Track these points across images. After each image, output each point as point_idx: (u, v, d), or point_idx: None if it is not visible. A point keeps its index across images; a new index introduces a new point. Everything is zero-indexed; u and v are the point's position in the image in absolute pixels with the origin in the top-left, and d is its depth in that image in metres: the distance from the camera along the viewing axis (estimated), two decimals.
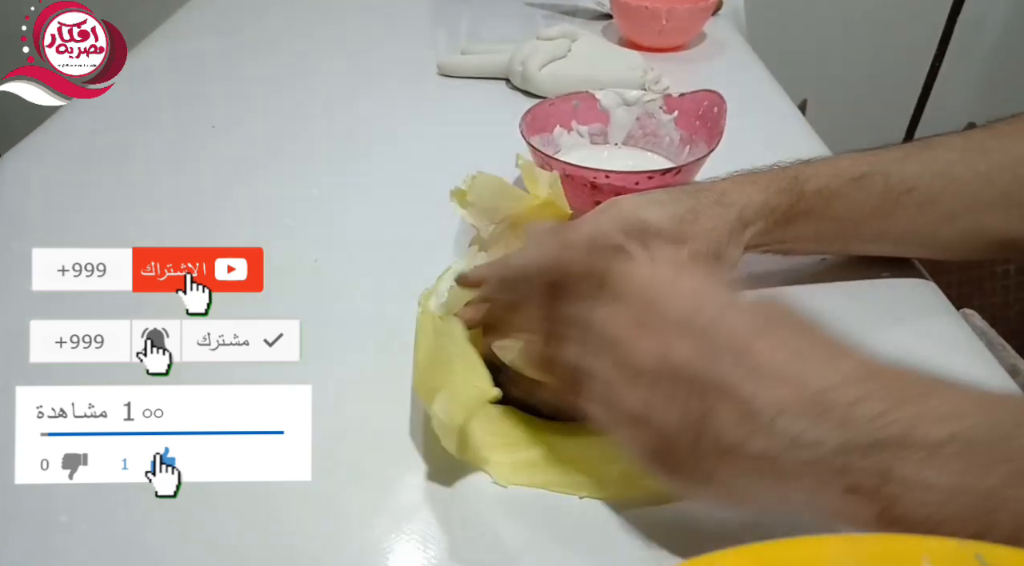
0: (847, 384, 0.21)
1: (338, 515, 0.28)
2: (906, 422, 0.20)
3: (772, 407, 0.21)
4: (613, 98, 0.48)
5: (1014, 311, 0.59)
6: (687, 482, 0.23)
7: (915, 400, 0.20)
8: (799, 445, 0.21)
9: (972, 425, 0.20)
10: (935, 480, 0.19)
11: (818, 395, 0.21)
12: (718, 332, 0.23)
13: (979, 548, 0.14)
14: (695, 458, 0.22)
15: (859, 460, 0.20)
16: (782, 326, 0.23)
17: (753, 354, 0.22)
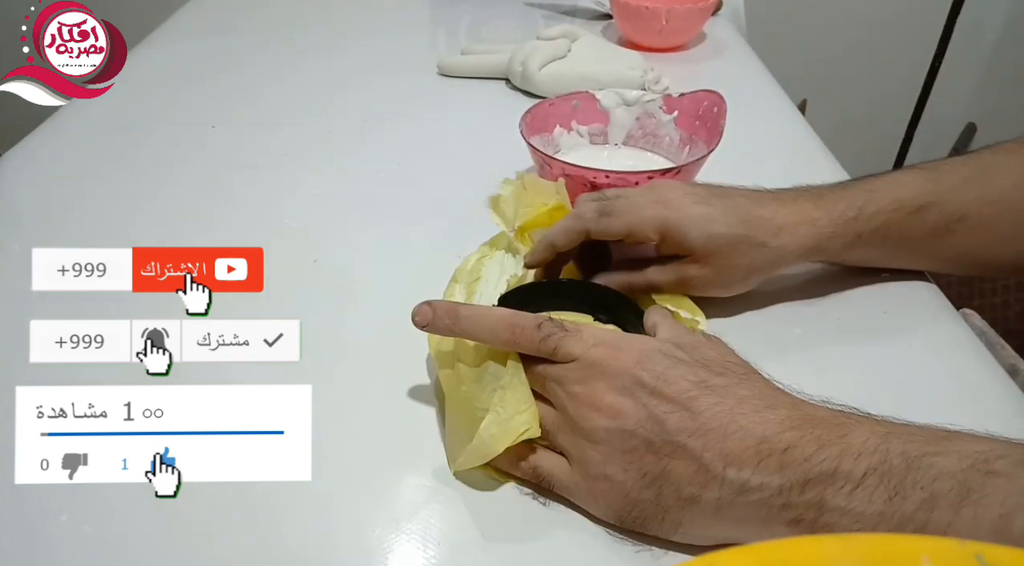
0: (780, 432, 0.24)
1: (338, 515, 0.28)
2: (832, 461, 0.23)
3: (720, 460, 0.24)
4: (613, 98, 0.48)
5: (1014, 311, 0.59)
6: (658, 531, 0.26)
7: (837, 441, 0.24)
8: (747, 490, 0.24)
9: (885, 458, 0.23)
10: (861, 508, 0.22)
11: (757, 445, 0.24)
12: (662, 396, 0.26)
13: (979, 548, 0.14)
14: (661, 510, 0.25)
15: (797, 497, 0.23)
16: (719, 378, 0.26)
17: (696, 414, 0.25)
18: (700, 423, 0.25)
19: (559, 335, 0.28)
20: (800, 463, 0.23)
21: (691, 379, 0.26)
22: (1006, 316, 0.59)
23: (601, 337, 0.28)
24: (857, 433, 0.24)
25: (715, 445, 0.24)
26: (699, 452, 0.24)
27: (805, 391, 0.27)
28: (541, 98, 0.55)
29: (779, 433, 0.24)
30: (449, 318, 0.29)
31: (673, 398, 0.26)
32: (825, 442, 0.24)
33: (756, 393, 0.26)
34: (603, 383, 0.27)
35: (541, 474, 0.28)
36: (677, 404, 0.25)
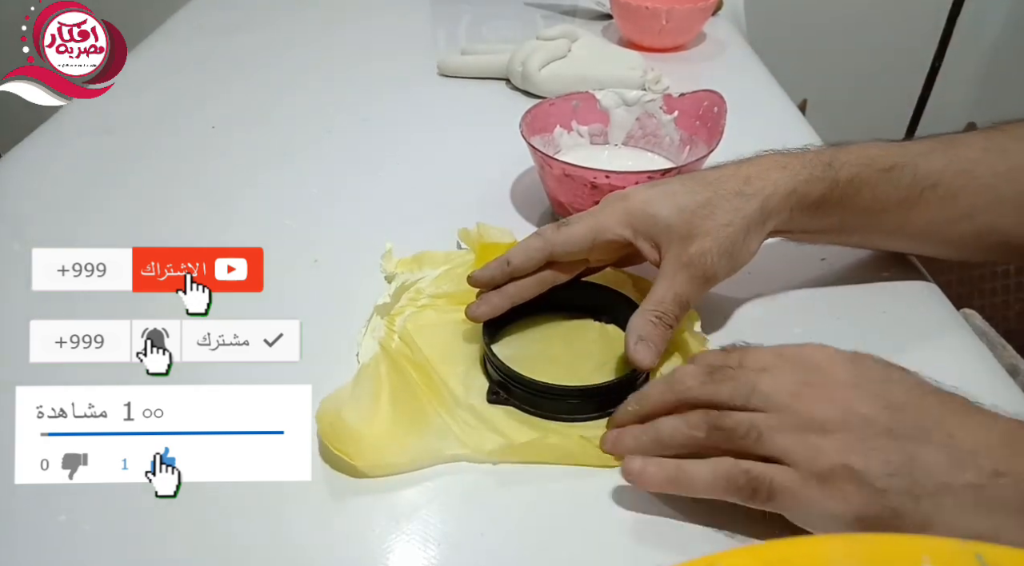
0: (1019, 427, 0.24)
1: (338, 515, 0.28)
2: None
3: (969, 444, 0.23)
4: (613, 98, 0.48)
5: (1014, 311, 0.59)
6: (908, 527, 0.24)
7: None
8: (999, 474, 0.23)
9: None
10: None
11: (1002, 435, 0.24)
12: (889, 389, 0.25)
13: (979, 548, 0.14)
14: (913, 500, 0.23)
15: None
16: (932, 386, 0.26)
17: (929, 406, 0.25)
18: (937, 415, 0.24)
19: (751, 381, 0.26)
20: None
21: (911, 380, 0.26)
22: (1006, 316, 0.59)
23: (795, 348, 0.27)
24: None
25: (960, 433, 0.24)
26: (946, 439, 0.24)
27: None
28: (541, 98, 0.55)
29: (1018, 428, 0.24)
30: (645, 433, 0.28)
31: (904, 392, 0.25)
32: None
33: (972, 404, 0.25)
34: (821, 377, 0.26)
35: (757, 479, 0.25)
36: (909, 397, 0.25)
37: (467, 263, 0.39)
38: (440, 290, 0.37)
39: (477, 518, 0.28)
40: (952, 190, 0.35)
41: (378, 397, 0.31)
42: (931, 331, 0.37)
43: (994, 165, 0.35)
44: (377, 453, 0.29)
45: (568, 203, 0.43)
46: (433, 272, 0.39)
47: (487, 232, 0.40)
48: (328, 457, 0.29)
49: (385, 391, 0.32)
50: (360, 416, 0.30)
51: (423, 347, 0.33)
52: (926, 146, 0.36)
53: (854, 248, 0.40)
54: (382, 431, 0.30)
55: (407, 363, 0.33)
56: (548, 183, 0.44)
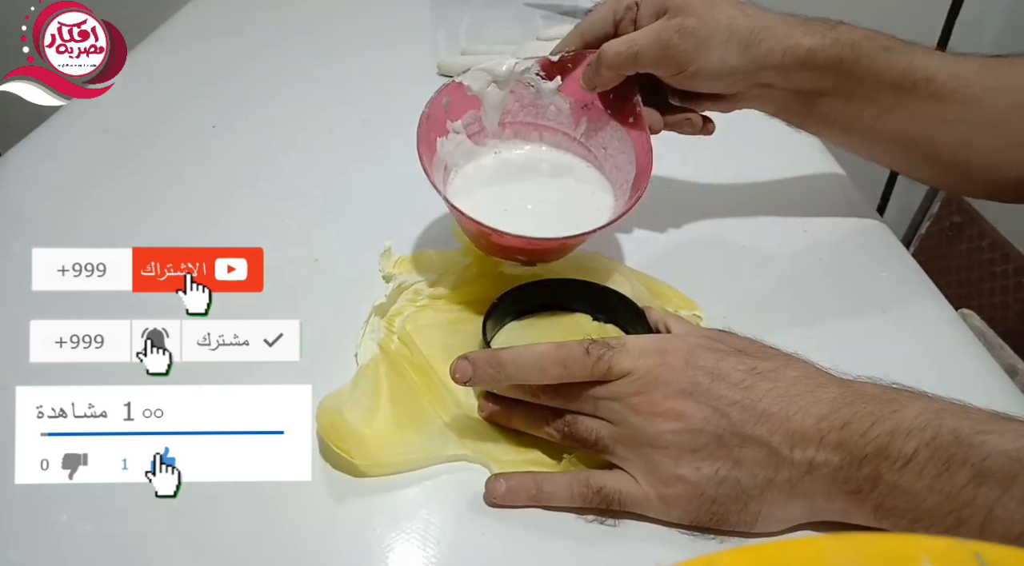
0: (835, 410, 0.25)
1: (338, 515, 0.28)
2: (885, 436, 0.24)
3: (787, 442, 0.25)
4: (482, 79, 0.40)
5: (1012, 311, 0.60)
6: (736, 524, 0.26)
7: (889, 416, 0.25)
8: (814, 467, 0.25)
9: (936, 435, 0.24)
10: (911, 484, 0.24)
11: (817, 424, 0.25)
12: (720, 390, 0.26)
13: (978, 547, 0.14)
14: (741, 501, 0.26)
15: (855, 472, 0.25)
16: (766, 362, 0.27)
17: (756, 401, 0.26)
18: (761, 409, 0.26)
19: (608, 354, 0.27)
20: (856, 439, 0.24)
21: (742, 368, 0.27)
22: (1005, 316, 0.59)
23: (644, 345, 0.28)
24: (909, 408, 0.25)
25: (780, 428, 0.25)
26: (766, 437, 0.25)
27: None
28: None
29: (835, 411, 0.25)
30: (492, 367, 0.28)
31: (731, 390, 0.26)
32: (878, 418, 0.24)
33: (804, 373, 0.27)
34: (661, 390, 0.27)
35: (608, 494, 0.27)
36: (736, 395, 0.26)
37: (464, 266, 0.39)
38: (439, 291, 0.37)
39: (477, 518, 0.28)
40: (945, 90, 0.36)
41: (378, 397, 0.31)
42: (930, 331, 0.37)
43: (985, 79, 0.36)
44: (378, 452, 0.29)
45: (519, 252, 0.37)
46: (431, 274, 0.39)
47: None
48: (328, 456, 0.29)
49: (384, 391, 0.32)
50: (360, 416, 0.30)
51: (422, 348, 0.33)
52: (925, 49, 0.37)
53: (840, 146, 0.41)
54: (382, 430, 0.30)
55: (406, 364, 0.33)
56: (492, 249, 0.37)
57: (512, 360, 0.28)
